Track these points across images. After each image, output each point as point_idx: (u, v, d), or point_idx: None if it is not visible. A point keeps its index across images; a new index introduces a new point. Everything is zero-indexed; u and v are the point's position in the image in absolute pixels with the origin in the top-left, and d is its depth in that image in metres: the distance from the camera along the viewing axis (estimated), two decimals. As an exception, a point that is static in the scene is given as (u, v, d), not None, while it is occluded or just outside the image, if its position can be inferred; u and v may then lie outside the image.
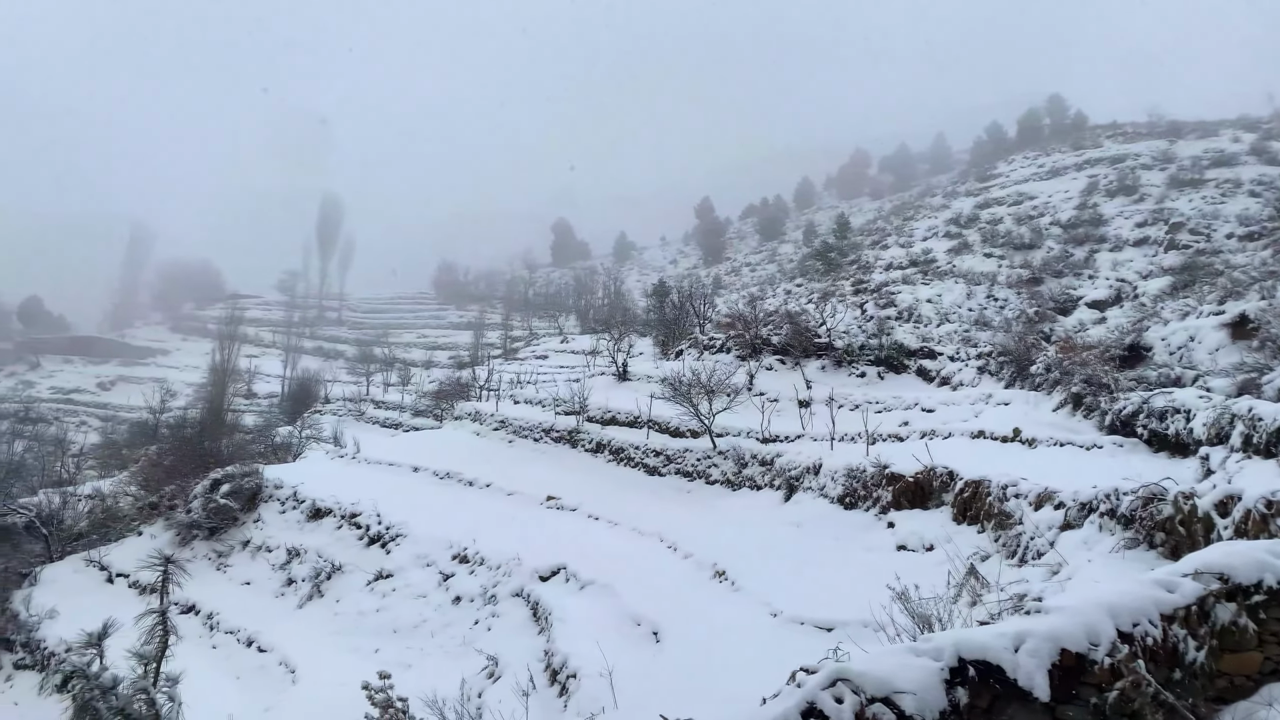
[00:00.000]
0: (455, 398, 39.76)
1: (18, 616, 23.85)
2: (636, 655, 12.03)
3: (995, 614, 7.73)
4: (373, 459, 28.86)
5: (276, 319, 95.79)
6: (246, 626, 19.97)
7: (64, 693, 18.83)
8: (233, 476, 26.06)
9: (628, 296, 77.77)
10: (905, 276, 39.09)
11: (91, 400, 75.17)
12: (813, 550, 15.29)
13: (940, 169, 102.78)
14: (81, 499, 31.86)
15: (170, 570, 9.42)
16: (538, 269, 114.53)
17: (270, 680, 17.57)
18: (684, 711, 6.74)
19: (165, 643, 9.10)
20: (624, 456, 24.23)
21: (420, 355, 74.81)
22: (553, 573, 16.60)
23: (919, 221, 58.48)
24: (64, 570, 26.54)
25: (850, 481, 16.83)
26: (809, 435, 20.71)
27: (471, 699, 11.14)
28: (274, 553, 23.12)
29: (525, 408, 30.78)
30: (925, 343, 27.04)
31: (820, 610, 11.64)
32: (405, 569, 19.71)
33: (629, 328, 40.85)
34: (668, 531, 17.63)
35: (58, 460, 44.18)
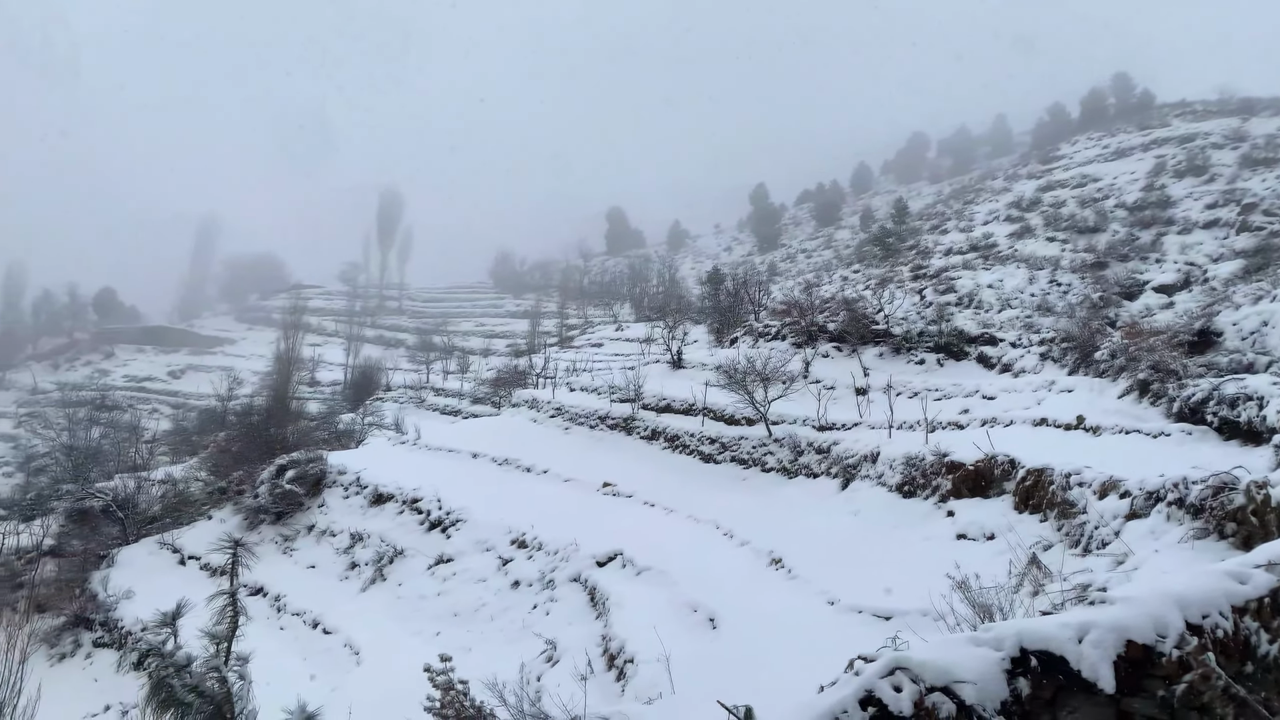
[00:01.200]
0: (513, 385, 40.18)
1: (96, 596, 24.78)
2: (693, 641, 12.10)
3: (1058, 604, 7.62)
4: (433, 445, 29.34)
5: (339, 308, 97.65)
6: (312, 609, 20.52)
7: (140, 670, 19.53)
8: (298, 462, 26.71)
9: (682, 284, 77.62)
10: (965, 261, 38.37)
11: (163, 388, 77.54)
12: (870, 539, 15.20)
13: (1001, 151, 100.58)
14: (155, 484, 32.93)
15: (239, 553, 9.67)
16: (592, 258, 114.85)
17: (336, 661, 18.04)
18: (741, 699, 6.77)
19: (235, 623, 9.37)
20: (679, 444, 24.27)
21: (478, 343, 75.72)
22: (609, 558, 16.73)
23: (979, 205, 57.32)
24: (139, 552, 27.49)
25: (909, 470, 16.65)
26: (866, 423, 20.52)
27: (531, 682, 11.33)
28: (338, 537, 23.67)
29: (581, 395, 30.98)
30: (986, 329, 26.57)
31: (878, 599, 11.57)
32: (465, 554, 20.03)
33: (683, 315, 40.85)
34: (724, 519, 17.65)
35: (132, 446, 45.66)
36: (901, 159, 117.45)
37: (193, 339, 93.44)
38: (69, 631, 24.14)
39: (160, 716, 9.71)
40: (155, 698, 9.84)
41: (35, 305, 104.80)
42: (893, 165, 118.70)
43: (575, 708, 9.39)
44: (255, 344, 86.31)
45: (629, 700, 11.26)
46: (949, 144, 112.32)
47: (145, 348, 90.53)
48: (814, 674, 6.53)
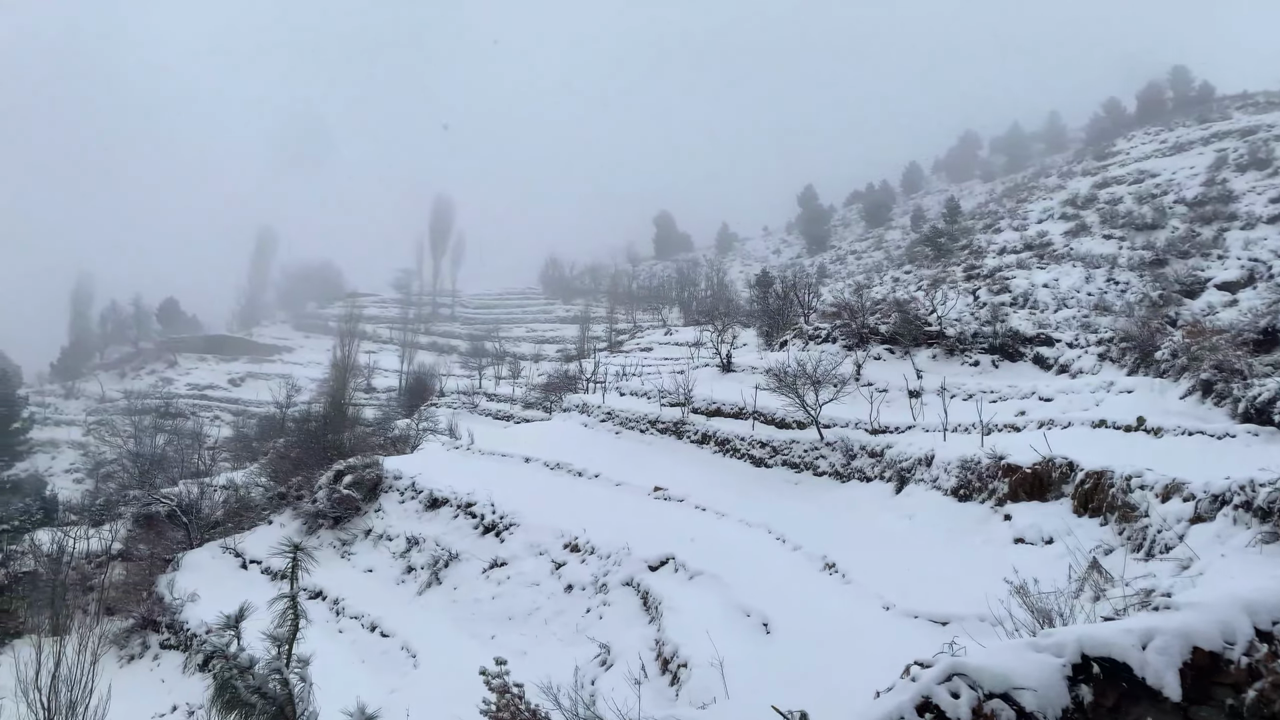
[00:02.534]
0: (563, 390, 40.45)
1: (163, 599, 25.46)
2: (746, 646, 12.07)
3: (1120, 610, 7.48)
4: (486, 450, 29.64)
5: (393, 316, 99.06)
6: (370, 612, 20.85)
7: (206, 671, 20.09)
8: (354, 468, 27.18)
9: (730, 287, 77.46)
10: (1020, 261, 37.72)
11: (224, 396, 79.36)
12: (925, 543, 15.03)
13: (1055, 148, 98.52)
14: (217, 489, 33.74)
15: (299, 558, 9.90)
16: (640, 262, 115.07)
17: (393, 664, 18.32)
18: (796, 703, 6.77)
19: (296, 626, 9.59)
20: (730, 448, 24.23)
21: (529, 349, 76.24)
22: (661, 563, 16.75)
23: (1033, 203, 56.27)
24: (203, 556, 28.17)
25: (964, 473, 16.44)
26: (920, 426, 20.29)
27: (585, 686, 11.39)
28: (394, 541, 24.03)
29: (631, 399, 31.07)
30: (1042, 329, 26.10)
31: (934, 604, 11.44)
32: (519, 557, 20.20)
33: (732, 319, 40.81)
34: (776, 523, 17.58)
35: (195, 453, 46.86)
36: (953, 158, 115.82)
37: (252, 347, 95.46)
38: (137, 633, 24.82)
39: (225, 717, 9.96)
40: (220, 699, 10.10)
41: (103, 316, 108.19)
42: (944, 164, 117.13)
43: (629, 712, 9.44)
44: (313, 352, 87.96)
45: (683, 705, 11.27)
46: (1001, 142, 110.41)
47: (207, 356, 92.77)
48: (869, 680, 6.50)
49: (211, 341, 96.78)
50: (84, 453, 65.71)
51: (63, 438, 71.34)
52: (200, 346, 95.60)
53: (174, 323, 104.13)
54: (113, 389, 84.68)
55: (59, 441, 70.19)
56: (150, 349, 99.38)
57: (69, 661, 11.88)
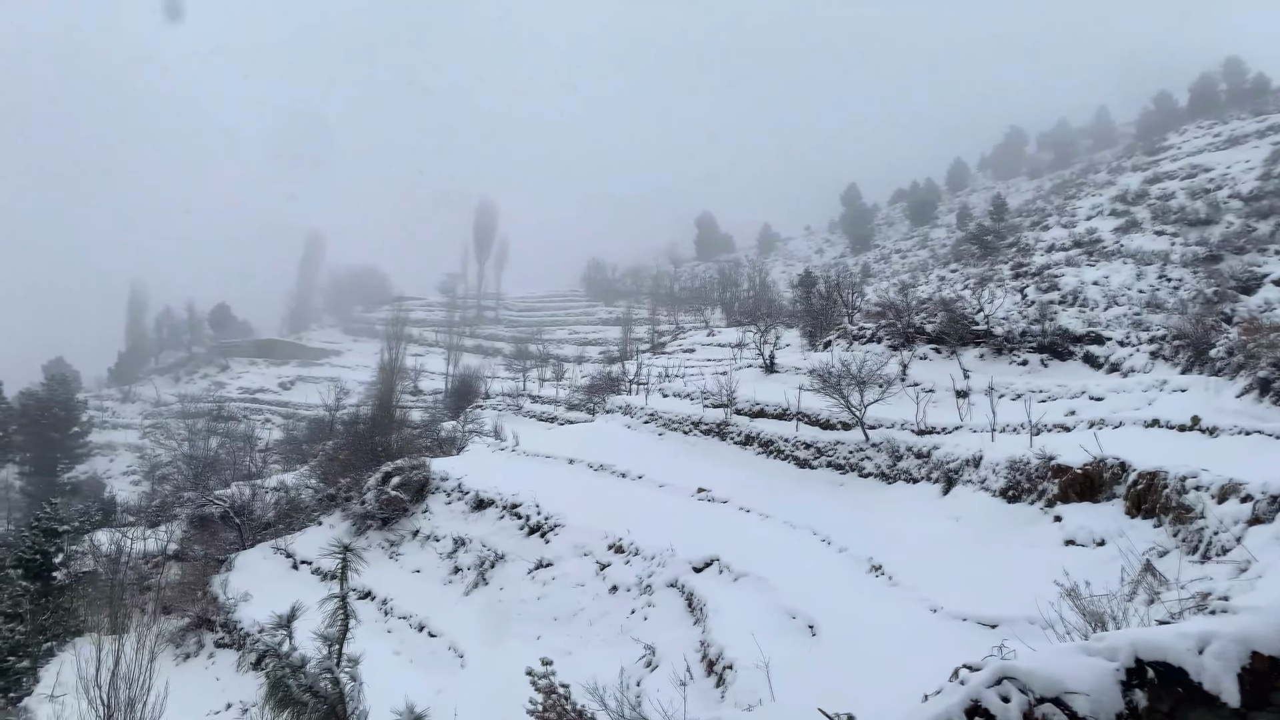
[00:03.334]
0: (606, 392, 40.54)
1: (217, 599, 26.01)
2: (792, 648, 12.02)
3: (1176, 613, 7.35)
4: (530, 451, 29.85)
5: (439, 319, 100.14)
6: (418, 612, 21.13)
7: (259, 670, 20.49)
8: (402, 469, 27.53)
9: (773, 288, 77.10)
10: (1069, 258, 37.06)
11: (274, 399, 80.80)
12: (974, 545, 14.84)
13: (1104, 144, 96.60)
14: (268, 491, 34.38)
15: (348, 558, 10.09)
16: (682, 263, 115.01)
17: (441, 663, 18.54)
18: (842, 706, 6.74)
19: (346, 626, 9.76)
20: (773, 449, 24.13)
21: (572, 351, 76.58)
22: (706, 564, 16.74)
23: (1082, 200, 55.29)
24: (255, 557, 28.72)
25: (1013, 474, 16.21)
26: (967, 426, 20.03)
27: (630, 687, 11.42)
28: (441, 542, 24.30)
29: (674, 401, 31.07)
30: (1092, 327, 25.62)
31: (983, 606, 11.31)
32: (564, 558, 20.32)
33: (775, 319, 40.54)
34: (821, 525, 17.48)
35: (246, 455, 47.80)
36: (999, 154, 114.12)
37: (301, 351, 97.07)
38: (193, 632, 25.40)
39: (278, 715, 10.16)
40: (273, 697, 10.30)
41: (157, 321, 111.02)
42: (989, 161, 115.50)
43: (675, 713, 9.46)
44: (360, 355, 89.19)
45: (728, 707, 11.26)
46: (1048, 138, 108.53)
47: (258, 360, 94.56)
48: (917, 683, 6.46)
49: (262, 346, 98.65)
50: (140, 455, 67.36)
51: (120, 441, 73.22)
52: (251, 351, 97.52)
53: (225, 327, 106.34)
54: (167, 393, 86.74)
55: (117, 444, 72.05)
56: (203, 353, 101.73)
57: (128, 660, 12.17)
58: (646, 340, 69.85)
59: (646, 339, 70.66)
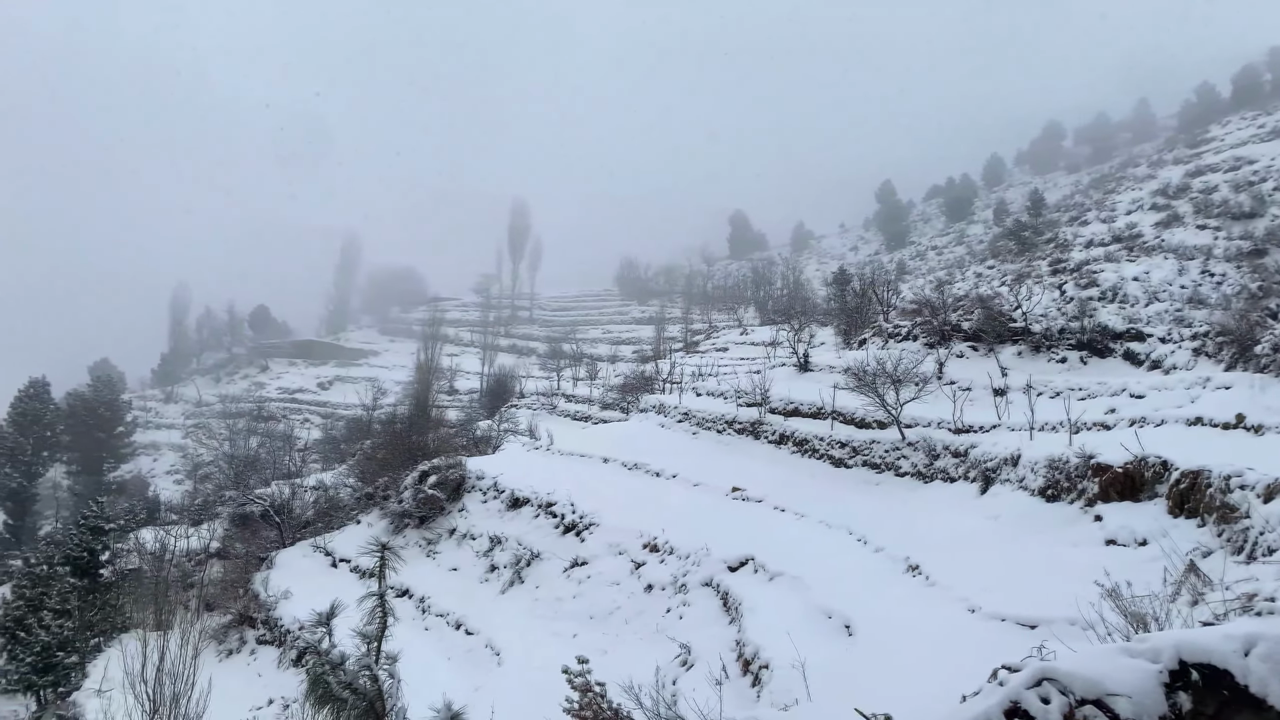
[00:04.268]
0: (640, 391, 40.61)
1: (258, 596, 26.42)
2: (828, 648, 11.98)
3: (1220, 614, 7.23)
4: (565, 450, 29.98)
5: (474, 319, 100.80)
6: (455, 610, 21.31)
7: (299, 667, 20.79)
8: (439, 468, 27.78)
9: (807, 286, 76.69)
10: (1108, 254, 36.55)
11: (313, 399, 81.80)
12: (1012, 544, 14.68)
13: (1143, 137, 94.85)
14: (307, 490, 34.86)
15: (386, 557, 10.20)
16: (715, 262, 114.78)
17: (478, 661, 18.69)
18: (879, 707, 6.72)
19: (384, 624, 9.86)
20: (808, 448, 24.03)
21: (606, 350, 76.72)
22: (741, 563, 16.72)
23: (1121, 194, 54.46)
24: (294, 555, 29.13)
25: (1052, 473, 16.01)
26: (1005, 425, 19.82)
27: (666, 686, 11.44)
28: (477, 540, 24.49)
29: (707, 400, 31.04)
30: (1132, 324, 25.24)
31: (1021, 607, 11.18)
32: (599, 557, 20.40)
33: (809, 318, 40.38)
34: (857, 524, 17.39)
35: (286, 454, 48.51)
36: (1036, 149, 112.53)
37: (339, 352, 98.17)
38: (235, 629, 25.82)
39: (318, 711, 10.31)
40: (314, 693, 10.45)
41: (198, 323, 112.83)
42: (1026, 156, 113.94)
43: (711, 712, 9.47)
44: (397, 355, 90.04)
45: (764, 706, 11.24)
46: (1086, 131, 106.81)
47: (296, 361, 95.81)
48: (955, 683, 6.41)
49: (300, 346, 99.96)
50: (183, 455, 68.55)
51: (164, 440, 74.53)
52: (290, 351, 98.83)
53: (265, 328, 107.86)
54: (209, 393, 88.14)
55: (160, 444, 73.35)
56: (243, 354, 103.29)
57: (172, 656, 12.38)
58: (680, 339, 69.85)
59: (680, 338, 70.66)
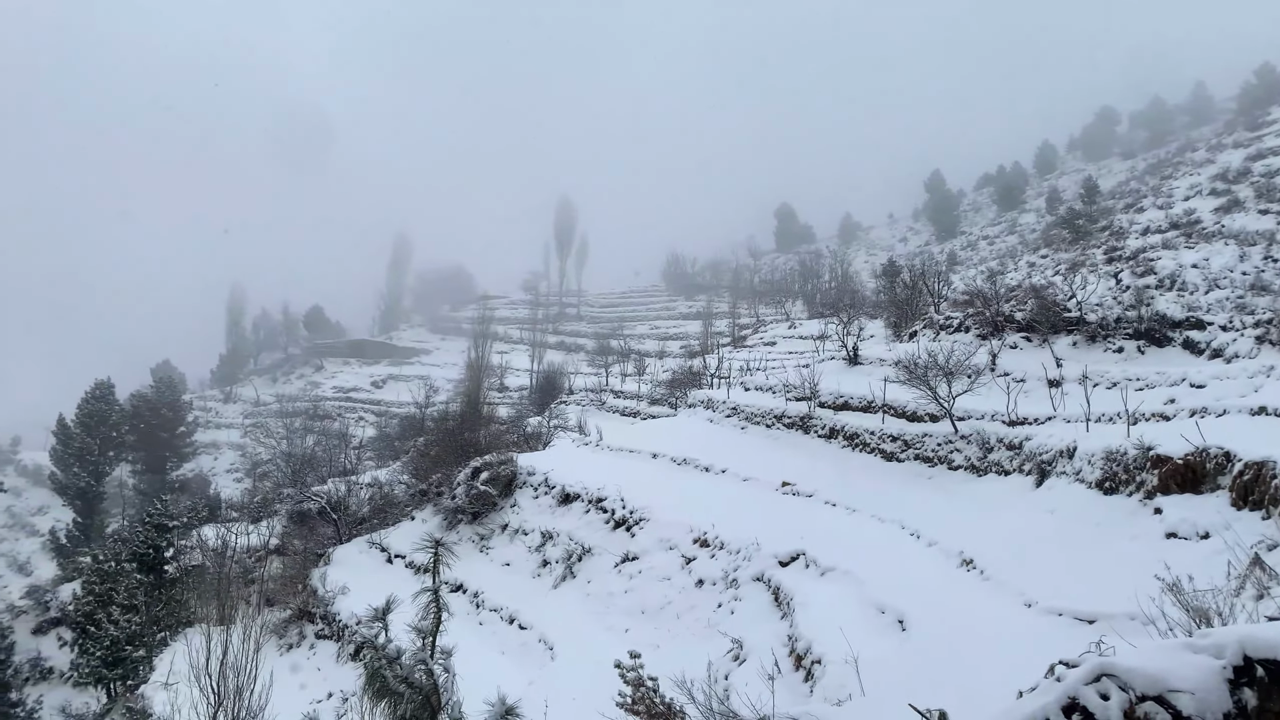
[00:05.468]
0: (688, 386, 40.57)
1: (316, 592, 26.97)
2: (881, 643, 11.93)
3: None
4: (614, 446, 30.12)
5: (522, 316, 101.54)
6: (508, 605, 21.56)
7: (357, 661, 21.18)
8: (490, 465, 28.10)
9: (855, 278, 75.93)
10: (1165, 241, 35.64)
11: (367, 397, 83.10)
12: (1069, 538, 14.45)
13: (1201, 120, 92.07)
14: (363, 487, 35.48)
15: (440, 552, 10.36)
16: (761, 255, 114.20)
17: (531, 656, 18.90)
18: (934, 702, 6.68)
19: (439, 619, 10.01)
20: (859, 442, 23.84)
21: (653, 346, 76.77)
22: (792, 558, 16.69)
23: (1179, 180, 53.02)
24: (351, 551, 29.68)
25: (1109, 465, 15.70)
26: (1060, 416, 19.47)
27: (718, 680, 11.47)
28: (529, 536, 24.74)
29: (756, 394, 30.95)
30: (1191, 312, 24.60)
31: (1079, 601, 11.02)
32: (649, 552, 20.49)
33: (858, 310, 40.00)
34: (909, 518, 17.24)
35: (341, 452, 49.34)
36: (1089, 135, 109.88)
37: (392, 350, 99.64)
38: (294, 624, 26.39)
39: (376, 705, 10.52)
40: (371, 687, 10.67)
41: (255, 324, 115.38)
42: (1079, 142, 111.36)
43: (763, 707, 9.48)
44: (448, 353, 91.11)
45: (817, 701, 11.23)
46: (1141, 116, 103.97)
47: (350, 360, 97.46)
48: (1011, 679, 6.37)
49: (354, 346, 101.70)
50: (242, 453, 70.12)
51: (223, 440, 76.31)
52: (344, 351, 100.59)
53: (320, 329, 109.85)
54: (266, 393, 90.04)
55: (220, 443, 75.11)
56: (298, 354, 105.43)
57: (235, 650, 12.71)
58: (727, 334, 69.65)
59: (727, 333, 70.44)
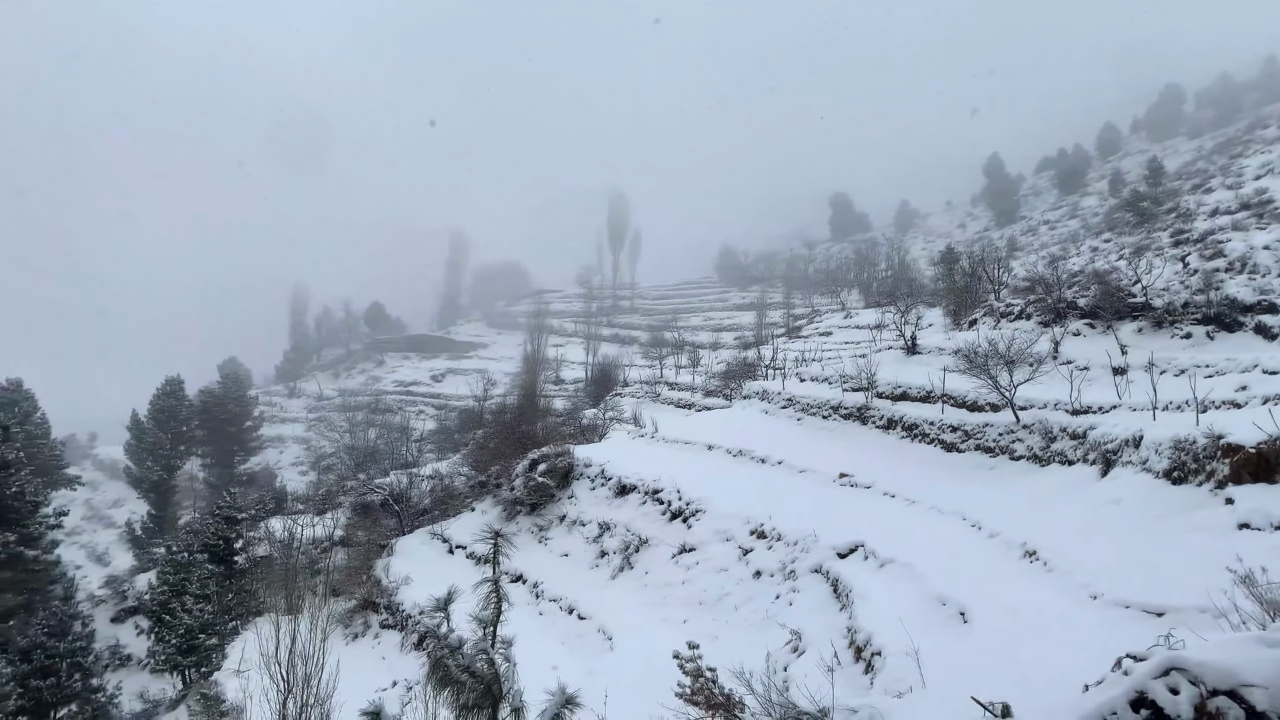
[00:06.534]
0: (742, 377, 40.50)
1: (380, 582, 27.53)
2: (942, 635, 11.81)
3: (1366, 603, 6.86)
4: (669, 438, 30.20)
5: (577, 310, 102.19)
6: (567, 595, 21.78)
7: (420, 650, 21.59)
8: (548, 457, 28.38)
9: (912, 266, 74.77)
10: (1235, 222, 34.44)
11: (426, 391, 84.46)
12: (1135, 529, 14.13)
13: (1273, 96, 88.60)
14: (424, 479, 36.08)
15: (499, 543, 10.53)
16: (816, 245, 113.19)
17: (590, 646, 19.07)
18: (996, 695, 6.62)
19: (499, 609, 10.16)
20: (917, 432, 23.57)
21: (707, 337, 76.66)
22: (850, 550, 16.60)
23: (1249, 158, 51.23)
24: (413, 542, 30.21)
25: (1177, 454, 15.31)
26: (1126, 405, 19.01)
27: (777, 672, 11.50)
28: (587, 527, 24.95)
29: (811, 385, 30.75)
30: (1264, 296, 23.77)
31: (1147, 593, 10.80)
32: (706, 543, 20.53)
33: (915, 299, 39.48)
34: (970, 509, 17.02)
35: (403, 445, 50.26)
36: (1153, 115, 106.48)
37: (450, 345, 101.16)
38: (359, 613, 26.97)
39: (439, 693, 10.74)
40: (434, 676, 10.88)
41: (317, 321, 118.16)
42: (1143, 123, 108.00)
43: (823, 699, 9.46)
44: (504, 347, 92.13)
45: (877, 693, 11.17)
46: (1208, 94, 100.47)
47: (410, 355, 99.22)
48: (1075, 672, 6.30)
49: (413, 341, 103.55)
50: (306, 447, 71.78)
51: (288, 434, 78.18)
52: (404, 346, 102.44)
53: (380, 325, 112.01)
54: (329, 388, 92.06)
55: (285, 437, 76.96)
56: (360, 350, 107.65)
57: (302, 638, 13.03)
58: (782, 325, 69.25)
59: (781, 323, 70.05)
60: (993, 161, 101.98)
